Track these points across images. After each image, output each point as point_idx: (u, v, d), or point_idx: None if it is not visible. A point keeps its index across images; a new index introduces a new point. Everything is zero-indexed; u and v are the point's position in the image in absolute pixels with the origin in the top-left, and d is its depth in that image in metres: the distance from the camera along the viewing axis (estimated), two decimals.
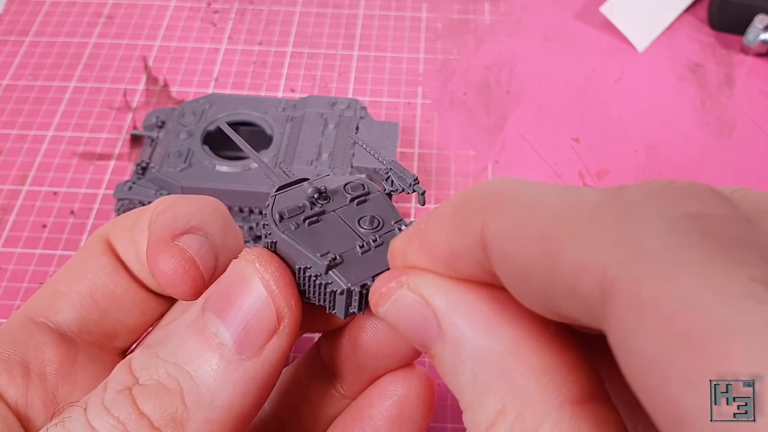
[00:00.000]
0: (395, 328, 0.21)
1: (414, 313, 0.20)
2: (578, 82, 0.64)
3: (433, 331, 0.19)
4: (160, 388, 0.21)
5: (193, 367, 0.21)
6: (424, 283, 0.20)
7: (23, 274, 0.50)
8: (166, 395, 0.21)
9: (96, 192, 0.55)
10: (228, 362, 0.21)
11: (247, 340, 0.21)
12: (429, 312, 0.19)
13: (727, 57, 0.66)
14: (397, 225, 0.24)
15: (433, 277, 0.20)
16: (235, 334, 0.21)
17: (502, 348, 0.18)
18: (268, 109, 0.54)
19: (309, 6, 0.71)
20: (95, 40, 0.67)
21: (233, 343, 0.21)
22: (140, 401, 0.21)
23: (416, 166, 0.57)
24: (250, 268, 0.22)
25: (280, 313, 0.21)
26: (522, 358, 0.18)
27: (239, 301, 0.22)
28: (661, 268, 0.14)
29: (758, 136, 0.60)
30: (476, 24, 0.69)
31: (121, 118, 0.60)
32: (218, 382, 0.21)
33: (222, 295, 0.22)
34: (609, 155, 0.58)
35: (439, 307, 0.19)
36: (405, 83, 0.64)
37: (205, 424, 0.21)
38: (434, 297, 0.19)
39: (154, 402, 0.21)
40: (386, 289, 0.20)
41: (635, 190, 0.16)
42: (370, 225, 0.23)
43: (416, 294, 0.20)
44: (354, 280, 0.22)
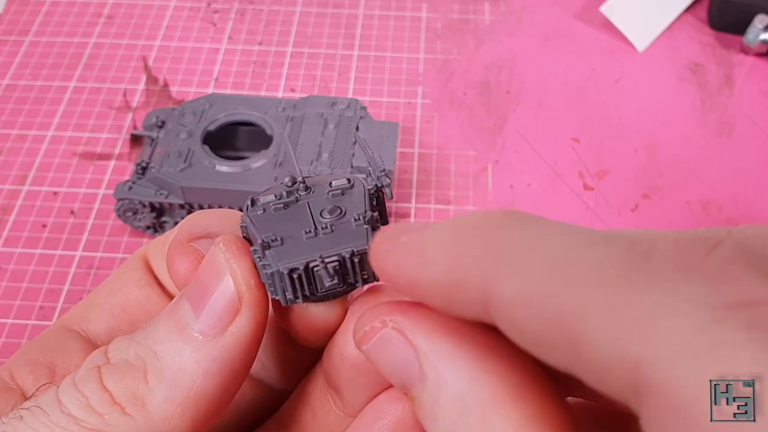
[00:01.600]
0: (378, 367, 0.20)
1: (396, 353, 0.19)
2: (578, 82, 0.64)
3: (414, 374, 0.19)
4: (126, 366, 0.22)
5: (160, 347, 0.22)
6: (407, 324, 0.19)
7: (23, 274, 0.50)
8: (130, 372, 0.22)
9: (96, 192, 0.55)
10: (191, 342, 0.21)
11: (209, 321, 0.22)
12: (411, 354, 0.19)
13: (727, 57, 0.66)
14: (354, 215, 0.22)
15: (417, 318, 0.19)
16: (198, 315, 0.22)
17: (482, 397, 0.18)
18: (268, 109, 0.54)
19: (309, 6, 0.71)
20: (95, 40, 0.67)
21: (197, 324, 0.22)
22: (105, 378, 0.22)
23: (416, 166, 0.57)
24: (216, 250, 0.22)
25: (240, 292, 0.22)
26: (501, 409, 0.17)
27: (205, 282, 0.22)
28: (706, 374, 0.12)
29: (758, 136, 0.60)
30: (476, 24, 0.69)
31: (121, 118, 0.60)
32: (180, 362, 0.21)
33: (194, 281, 0.22)
34: (609, 155, 0.58)
35: (422, 349, 0.19)
36: (405, 83, 0.64)
37: (166, 402, 0.21)
38: (417, 339, 0.19)
39: (117, 378, 0.22)
40: (370, 329, 0.20)
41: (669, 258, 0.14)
42: (331, 214, 0.23)
43: (399, 334, 0.19)
44: (285, 262, 0.21)
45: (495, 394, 0.18)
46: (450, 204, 0.55)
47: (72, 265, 0.50)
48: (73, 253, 0.51)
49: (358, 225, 0.22)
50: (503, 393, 0.18)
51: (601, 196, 0.55)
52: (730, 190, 0.56)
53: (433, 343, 0.19)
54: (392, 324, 0.20)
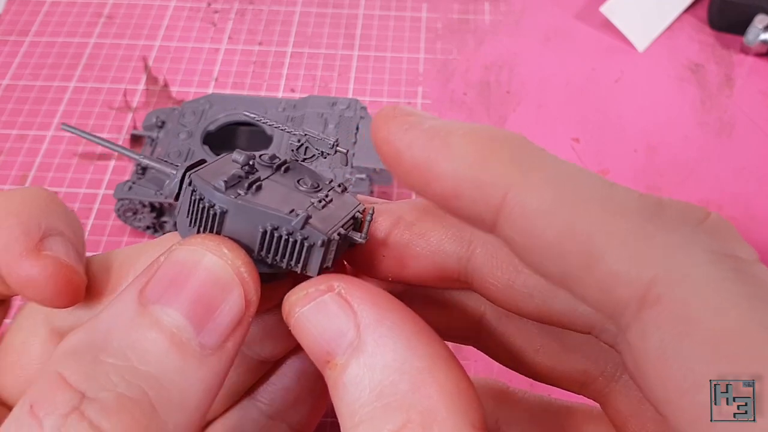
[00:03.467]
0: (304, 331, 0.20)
1: (332, 319, 0.20)
2: (578, 82, 0.64)
3: (345, 342, 0.19)
4: (122, 400, 0.18)
5: (156, 368, 0.19)
6: (353, 293, 0.20)
7: None
8: (132, 406, 0.18)
9: (96, 192, 0.55)
10: (193, 359, 0.19)
11: (214, 336, 0.20)
12: (349, 322, 0.19)
13: (727, 57, 0.66)
14: (333, 185, 0.24)
15: (362, 289, 0.20)
16: (199, 328, 0.20)
17: (420, 364, 0.19)
18: (268, 109, 0.54)
19: (309, 6, 0.71)
20: (95, 40, 0.67)
21: (198, 339, 0.19)
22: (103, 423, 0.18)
23: None
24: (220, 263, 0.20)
25: (249, 302, 0.20)
26: (436, 377, 0.18)
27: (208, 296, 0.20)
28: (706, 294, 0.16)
29: (758, 136, 0.60)
30: (476, 24, 0.69)
31: (121, 118, 0.60)
32: (188, 382, 0.19)
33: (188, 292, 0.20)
34: (609, 155, 0.58)
35: (366, 317, 0.19)
36: (405, 83, 0.64)
37: (177, 428, 0.19)
38: (361, 308, 0.20)
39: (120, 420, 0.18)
40: (314, 291, 0.20)
41: (677, 213, 0.17)
42: (310, 186, 0.23)
43: (342, 301, 0.20)
44: (328, 230, 0.21)
45: (432, 363, 0.19)
46: None
47: None
48: None
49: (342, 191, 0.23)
50: (439, 363, 0.19)
51: None
52: (730, 190, 0.56)
53: (376, 314, 0.19)
54: (339, 289, 0.20)
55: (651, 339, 0.16)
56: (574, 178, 0.18)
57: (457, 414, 0.18)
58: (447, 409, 0.18)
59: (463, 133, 0.19)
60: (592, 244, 0.17)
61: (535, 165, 0.18)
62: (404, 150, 0.20)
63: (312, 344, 0.20)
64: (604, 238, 0.17)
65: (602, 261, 0.17)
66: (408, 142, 0.20)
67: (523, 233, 0.18)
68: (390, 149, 0.20)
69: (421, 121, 0.20)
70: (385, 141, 0.20)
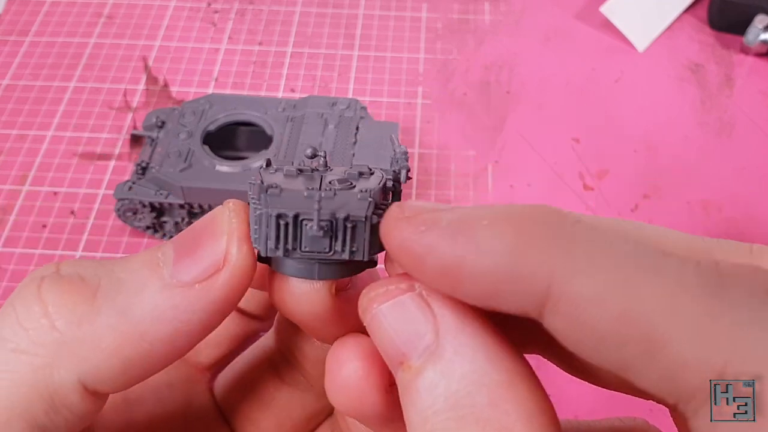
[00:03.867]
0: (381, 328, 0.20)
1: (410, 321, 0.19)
2: (578, 82, 0.64)
3: (422, 345, 0.19)
4: (76, 279, 0.20)
5: (124, 274, 0.20)
6: (434, 296, 0.19)
7: (23, 274, 0.50)
8: (78, 285, 0.20)
9: (96, 192, 0.55)
10: (158, 280, 0.20)
11: (186, 269, 0.20)
12: (428, 325, 0.19)
13: (727, 57, 0.66)
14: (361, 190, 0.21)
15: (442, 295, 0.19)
16: (178, 259, 0.20)
17: (499, 378, 0.18)
18: (268, 109, 0.54)
19: (309, 6, 0.71)
20: (95, 40, 0.67)
21: (172, 268, 0.20)
22: (44, 288, 0.19)
23: (416, 166, 0.57)
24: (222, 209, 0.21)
25: (228, 254, 0.20)
26: (515, 393, 0.18)
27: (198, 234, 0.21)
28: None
29: (758, 136, 0.60)
30: (476, 24, 0.69)
31: (121, 118, 0.60)
32: (139, 295, 0.20)
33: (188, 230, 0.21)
34: (609, 155, 0.58)
35: (447, 323, 0.19)
36: (405, 83, 0.64)
37: (107, 328, 0.19)
38: (443, 312, 0.19)
39: (59, 289, 0.19)
40: (394, 289, 0.19)
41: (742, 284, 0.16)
42: (339, 183, 0.22)
43: (423, 303, 0.19)
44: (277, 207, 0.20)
45: (511, 377, 0.18)
46: (450, 204, 0.55)
47: None
48: (73, 253, 0.51)
49: (362, 196, 0.20)
50: (518, 378, 0.18)
51: (601, 196, 0.55)
52: (730, 190, 0.56)
53: (457, 320, 0.19)
54: (420, 290, 0.19)
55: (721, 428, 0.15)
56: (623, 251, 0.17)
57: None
58: (524, 428, 0.17)
59: (489, 222, 0.18)
60: (654, 330, 0.16)
61: (578, 244, 0.17)
62: (426, 255, 0.18)
63: (387, 342, 0.19)
64: (666, 322, 0.16)
65: (667, 347, 0.16)
66: (428, 245, 0.18)
67: (574, 324, 0.17)
68: (408, 257, 0.19)
69: (438, 218, 0.18)
70: (401, 248, 0.19)
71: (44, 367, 0.19)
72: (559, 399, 0.44)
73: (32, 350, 0.19)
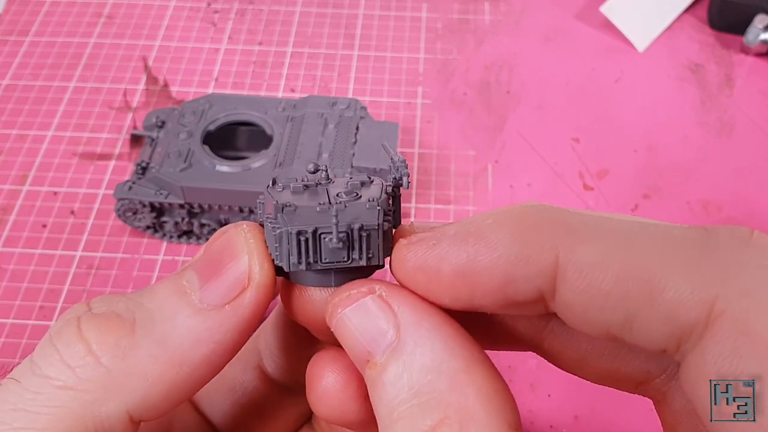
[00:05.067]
0: (346, 331, 0.21)
1: (372, 321, 0.20)
2: (578, 82, 0.64)
3: (385, 343, 0.20)
4: (111, 316, 0.21)
5: (155, 305, 0.21)
6: (393, 295, 0.21)
7: (23, 274, 0.50)
8: (116, 321, 0.21)
9: (96, 192, 0.55)
10: (189, 306, 0.21)
11: (213, 292, 0.21)
12: (390, 323, 0.20)
13: (727, 57, 0.66)
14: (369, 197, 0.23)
15: (401, 292, 0.21)
16: (204, 285, 0.21)
17: (457, 364, 0.19)
18: (268, 109, 0.54)
19: (309, 6, 0.71)
20: (95, 40, 0.67)
21: (200, 292, 0.21)
22: (84, 327, 0.21)
23: (416, 166, 0.57)
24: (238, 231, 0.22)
25: (252, 272, 0.22)
26: (473, 377, 0.19)
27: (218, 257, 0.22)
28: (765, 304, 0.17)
29: (758, 136, 0.60)
30: (476, 24, 0.69)
31: (121, 118, 0.60)
32: (173, 322, 0.21)
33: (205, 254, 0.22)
34: (609, 155, 0.58)
35: (406, 319, 0.20)
36: (405, 83, 0.64)
37: (149, 358, 0.20)
38: (402, 310, 0.20)
39: (99, 326, 0.21)
40: (356, 293, 0.21)
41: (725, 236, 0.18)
42: (346, 195, 0.23)
43: (383, 303, 0.20)
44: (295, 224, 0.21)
45: (468, 363, 0.19)
46: (450, 204, 0.55)
47: (72, 265, 0.50)
48: (73, 253, 0.51)
49: (371, 206, 0.22)
50: (475, 364, 0.19)
51: (601, 196, 0.55)
52: (730, 190, 0.56)
53: (415, 316, 0.20)
54: (380, 292, 0.21)
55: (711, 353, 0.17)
56: (616, 224, 0.19)
57: (493, 413, 0.19)
58: (483, 407, 0.19)
59: (492, 221, 0.20)
60: (652, 277, 0.17)
61: (575, 222, 0.19)
62: (441, 263, 0.20)
63: (353, 344, 0.21)
64: (663, 270, 0.18)
65: (665, 290, 0.17)
66: (442, 254, 0.20)
67: (582, 289, 0.18)
68: (425, 273, 0.20)
69: (444, 231, 0.20)
70: (418, 268, 0.21)
71: (93, 402, 0.20)
72: (560, 399, 0.44)
73: (80, 386, 0.20)
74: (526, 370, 0.45)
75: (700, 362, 0.17)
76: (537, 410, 0.44)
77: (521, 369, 0.45)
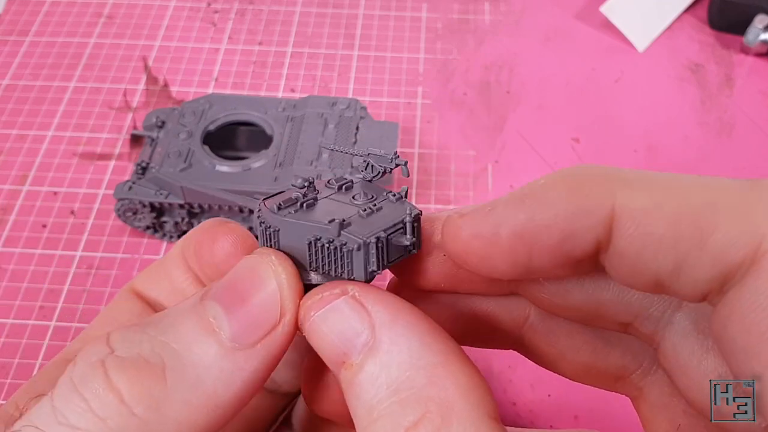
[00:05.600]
0: (319, 334, 0.21)
1: (346, 322, 0.20)
2: (578, 82, 0.64)
3: (360, 343, 0.20)
4: (140, 362, 0.20)
5: (183, 346, 0.20)
6: (366, 295, 0.21)
7: (23, 274, 0.50)
8: (146, 369, 0.20)
9: (96, 192, 0.55)
10: (220, 347, 0.21)
11: (244, 329, 0.21)
12: (364, 323, 0.20)
13: (727, 57, 0.66)
14: (389, 194, 0.24)
15: (374, 292, 0.21)
16: (234, 322, 0.21)
17: (434, 359, 0.19)
18: (268, 109, 0.54)
19: (309, 6, 0.71)
20: (95, 40, 0.67)
21: (230, 331, 0.21)
22: (113, 374, 0.20)
23: (416, 166, 0.57)
24: (264, 261, 0.22)
25: (284, 308, 0.21)
26: (451, 371, 0.19)
27: (243, 288, 0.21)
28: None
29: (758, 136, 0.60)
30: (476, 24, 0.69)
31: (121, 118, 0.60)
32: (205, 365, 0.20)
33: (228, 284, 0.22)
34: (609, 155, 0.58)
35: (381, 318, 0.20)
36: (405, 83, 0.64)
37: (183, 405, 0.20)
38: (376, 309, 0.20)
39: (128, 375, 0.20)
40: (328, 295, 0.21)
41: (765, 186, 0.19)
42: (365, 197, 0.24)
43: (357, 303, 0.20)
44: (366, 235, 0.22)
45: (446, 357, 0.19)
46: (450, 204, 0.55)
47: (72, 265, 0.50)
48: (73, 253, 0.51)
49: (398, 200, 0.23)
50: (452, 357, 0.20)
51: None
52: None
53: (390, 314, 0.20)
54: (353, 293, 0.21)
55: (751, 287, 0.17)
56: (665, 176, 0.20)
57: (473, 405, 0.19)
58: (463, 400, 0.19)
59: (544, 182, 0.20)
60: (703, 221, 0.18)
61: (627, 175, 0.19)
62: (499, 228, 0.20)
63: (327, 347, 0.21)
64: (713, 214, 0.18)
65: (715, 233, 0.18)
66: (497, 221, 0.20)
67: (637, 235, 0.19)
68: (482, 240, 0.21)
69: (497, 200, 0.21)
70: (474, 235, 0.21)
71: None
72: (560, 399, 0.44)
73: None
74: (526, 370, 0.45)
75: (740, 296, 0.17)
76: (537, 410, 0.43)
77: (521, 369, 0.45)
